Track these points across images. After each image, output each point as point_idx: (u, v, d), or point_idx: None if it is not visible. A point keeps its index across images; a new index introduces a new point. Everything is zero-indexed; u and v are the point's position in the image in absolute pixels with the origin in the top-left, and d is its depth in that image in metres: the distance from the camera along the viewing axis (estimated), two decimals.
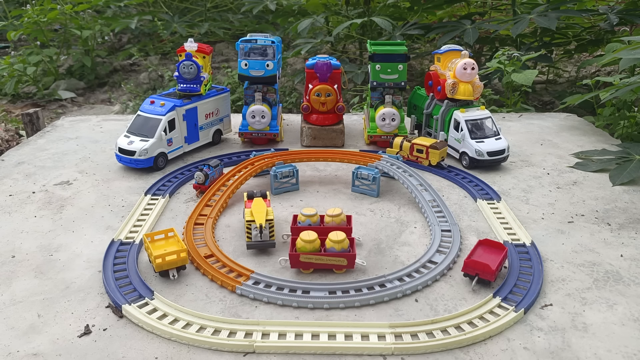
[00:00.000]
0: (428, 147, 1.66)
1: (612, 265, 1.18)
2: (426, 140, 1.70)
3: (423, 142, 1.68)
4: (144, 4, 4.20)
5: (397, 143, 1.73)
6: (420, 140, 1.69)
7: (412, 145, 1.68)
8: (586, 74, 3.37)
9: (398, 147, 1.72)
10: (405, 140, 1.71)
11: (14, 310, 1.04)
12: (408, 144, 1.69)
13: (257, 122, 1.83)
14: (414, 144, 1.68)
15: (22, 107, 3.34)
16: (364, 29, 3.33)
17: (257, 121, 1.83)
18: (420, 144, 1.68)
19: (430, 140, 1.69)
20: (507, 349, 0.94)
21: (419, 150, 1.67)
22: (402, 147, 1.71)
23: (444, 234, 1.29)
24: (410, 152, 1.69)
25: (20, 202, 1.49)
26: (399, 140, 1.73)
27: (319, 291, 1.07)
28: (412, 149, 1.68)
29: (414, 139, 1.70)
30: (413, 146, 1.68)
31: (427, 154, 1.67)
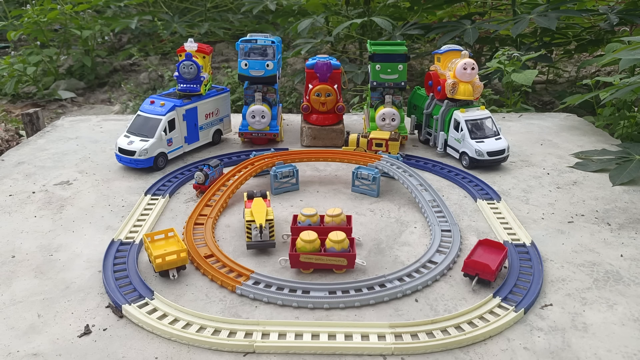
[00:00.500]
0: (387, 140, 1.67)
1: (612, 265, 1.18)
2: (382, 133, 1.70)
3: (381, 136, 1.68)
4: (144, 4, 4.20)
5: (352, 140, 1.70)
6: (377, 134, 1.69)
7: (371, 140, 1.67)
8: (586, 74, 3.37)
9: (354, 144, 1.70)
10: (362, 136, 1.69)
11: (14, 310, 1.04)
12: (365, 140, 1.68)
13: (257, 122, 1.83)
14: (372, 138, 1.67)
15: (22, 107, 3.34)
16: (364, 29, 3.33)
17: (257, 121, 1.83)
18: (379, 137, 1.68)
19: (385, 133, 1.69)
20: (507, 349, 0.94)
21: (378, 144, 1.67)
22: (359, 144, 1.69)
23: (444, 234, 1.29)
24: (369, 147, 1.68)
25: (20, 202, 1.49)
26: (355, 137, 1.70)
27: (319, 291, 1.07)
28: (371, 143, 1.67)
29: (370, 134, 1.69)
30: (371, 141, 1.67)
31: (387, 146, 1.67)
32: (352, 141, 1.70)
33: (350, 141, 1.70)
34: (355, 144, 1.69)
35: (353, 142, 1.69)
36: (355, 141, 1.69)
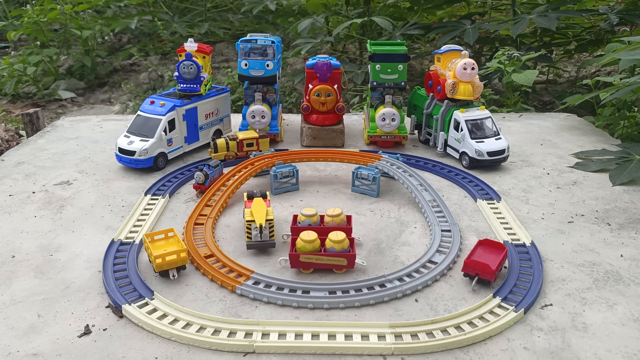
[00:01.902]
0: (257, 139, 1.68)
1: (612, 265, 1.18)
2: (250, 132, 1.70)
3: (250, 135, 1.69)
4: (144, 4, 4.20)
5: (221, 145, 1.65)
6: (246, 135, 1.69)
7: (241, 142, 1.66)
8: (586, 74, 3.37)
9: (224, 148, 1.66)
10: (230, 139, 1.66)
11: (14, 310, 1.04)
12: (234, 142, 1.66)
13: (257, 122, 1.83)
14: (242, 140, 1.67)
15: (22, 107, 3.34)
16: (364, 29, 3.33)
17: (257, 121, 1.83)
18: (248, 137, 1.68)
19: (251, 132, 1.69)
20: (507, 349, 0.94)
21: (249, 144, 1.67)
22: (228, 147, 1.66)
23: (444, 234, 1.29)
24: (240, 149, 1.66)
25: (20, 202, 1.49)
26: (223, 142, 1.66)
27: (319, 291, 1.07)
28: (242, 145, 1.66)
29: (239, 136, 1.68)
30: (242, 142, 1.66)
31: (258, 144, 1.68)
32: (222, 146, 1.65)
33: (220, 147, 1.65)
34: (224, 148, 1.65)
35: (222, 146, 1.64)
36: (224, 146, 1.65)
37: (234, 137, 1.65)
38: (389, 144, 1.88)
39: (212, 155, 1.65)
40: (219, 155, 1.64)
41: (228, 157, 1.66)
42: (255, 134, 1.69)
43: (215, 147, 1.64)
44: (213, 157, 1.63)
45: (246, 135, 1.68)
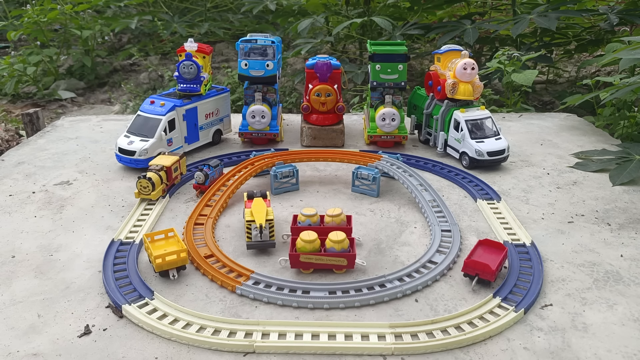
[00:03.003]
0: (178, 161, 1.53)
1: (612, 265, 1.18)
2: (167, 158, 1.51)
3: (171, 160, 1.50)
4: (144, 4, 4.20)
5: (157, 180, 1.42)
6: (168, 160, 1.50)
7: (169, 170, 1.47)
8: (586, 74, 3.37)
9: (159, 182, 1.43)
10: (158, 171, 1.44)
11: (14, 310, 1.04)
12: (164, 172, 1.46)
13: (257, 122, 1.83)
14: (169, 167, 1.48)
15: (22, 107, 3.34)
16: (364, 29, 3.33)
17: (257, 121, 1.83)
18: (172, 162, 1.50)
19: (169, 156, 1.52)
20: (507, 349, 0.94)
21: (175, 168, 1.50)
22: (162, 179, 1.44)
23: (444, 234, 1.29)
24: (169, 178, 1.47)
25: (20, 202, 1.49)
26: (157, 177, 1.43)
27: (319, 291, 1.07)
28: (170, 172, 1.47)
29: (163, 164, 1.47)
30: (170, 170, 1.47)
31: (180, 166, 1.53)
32: (158, 181, 1.42)
33: (156, 183, 1.42)
34: (160, 182, 1.43)
35: (158, 181, 1.42)
36: (159, 179, 1.43)
37: (159, 167, 1.45)
38: (389, 144, 1.88)
39: (141, 197, 1.42)
40: (156, 193, 1.41)
41: (163, 191, 1.46)
42: (174, 156, 1.52)
43: (152, 185, 1.40)
44: (141, 197, 1.42)
45: (169, 161, 1.49)
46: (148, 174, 1.41)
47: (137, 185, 1.40)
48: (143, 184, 1.40)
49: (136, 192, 1.42)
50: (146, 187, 1.40)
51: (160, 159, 1.51)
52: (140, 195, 1.41)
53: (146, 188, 1.40)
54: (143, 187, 1.40)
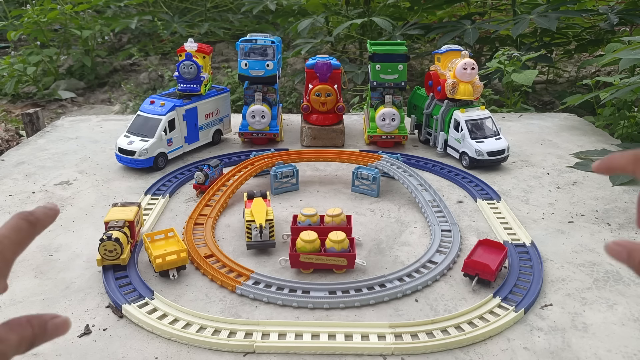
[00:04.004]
0: (138, 211, 1.24)
1: (612, 265, 1.18)
2: (127, 210, 1.22)
3: (133, 212, 1.21)
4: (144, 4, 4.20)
5: (124, 239, 1.14)
6: (128, 213, 1.21)
7: (132, 224, 1.20)
8: (586, 74, 3.36)
9: (126, 240, 1.15)
10: (122, 228, 1.16)
11: (14, 310, 1.04)
12: (127, 229, 1.19)
13: (257, 122, 1.83)
14: (132, 222, 1.20)
15: (22, 107, 3.34)
16: (364, 29, 3.33)
17: (257, 121, 1.83)
18: (134, 214, 1.21)
19: (129, 208, 1.23)
20: (507, 349, 0.94)
21: (137, 221, 1.24)
22: (128, 238, 1.18)
23: (444, 234, 1.29)
24: (132, 234, 1.21)
25: (20, 202, 1.49)
26: (122, 235, 1.14)
27: (319, 291, 1.07)
28: (133, 226, 1.21)
29: (124, 219, 1.19)
30: (133, 224, 1.20)
31: (140, 217, 1.27)
32: (125, 240, 1.14)
33: (124, 242, 1.13)
34: (126, 240, 1.15)
35: (125, 240, 1.14)
36: (125, 238, 1.14)
37: (121, 222, 1.17)
38: (389, 144, 1.88)
39: (105, 263, 1.13)
40: (126, 255, 1.13)
41: (131, 249, 1.19)
42: (133, 207, 1.23)
43: (120, 247, 1.11)
44: (106, 264, 1.13)
45: (131, 214, 1.21)
46: (113, 233, 1.11)
47: (101, 250, 1.11)
48: (109, 247, 1.10)
49: (99, 259, 1.12)
50: (113, 250, 1.11)
51: (118, 213, 1.20)
52: (105, 261, 1.12)
53: (113, 252, 1.11)
54: (109, 251, 1.11)
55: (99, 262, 1.13)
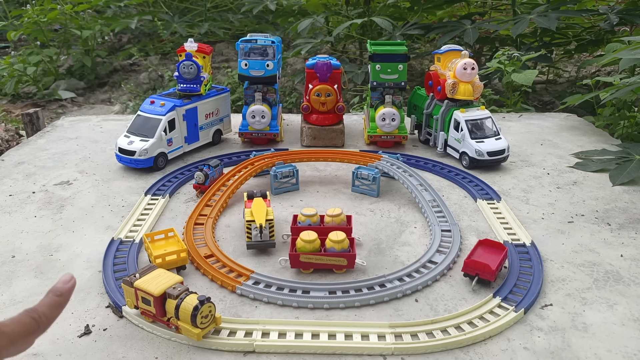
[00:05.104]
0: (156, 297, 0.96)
1: (612, 265, 1.18)
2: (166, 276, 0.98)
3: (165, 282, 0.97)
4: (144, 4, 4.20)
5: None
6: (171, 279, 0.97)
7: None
8: (586, 74, 3.36)
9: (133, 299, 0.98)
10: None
11: (14, 310, 1.04)
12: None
13: (257, 122, 1.83)
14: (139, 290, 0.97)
15: (22, 107, 3.34)
16: (364, 29, 3.33)
17: (257, 121, 1.83)
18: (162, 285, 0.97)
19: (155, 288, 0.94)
20: (507, 349, 0.94)
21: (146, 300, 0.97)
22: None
23: (444, 234, 1.29)
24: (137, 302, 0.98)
25: (20, 202, 1.49)
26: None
27: (319, 291, 1.07)
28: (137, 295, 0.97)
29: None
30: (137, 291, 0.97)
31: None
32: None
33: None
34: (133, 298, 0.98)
35: (130, 293, 0.98)
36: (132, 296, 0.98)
37: (181, 287, 0.96)
38: (389, 144, 1.88)
39: (205, 333, 0.94)
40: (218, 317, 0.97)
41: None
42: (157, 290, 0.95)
43: (214, 307, 0.95)
44: (205, 333, 0.94)
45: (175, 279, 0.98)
46: (194, 294, 0.93)
47: (198, 321, 0.91)
48: (204, 312, 0.92)
49: (198, 332, 0.92)
50: (208, 314, 0.93)
51: (171, 279, 0.97)
52: (205, 331, 0.94)
53: (208, 316, 0.93)
54: (204, 317, 0.92)
55: (199, 337, 0.92)
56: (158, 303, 0.94)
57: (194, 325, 0.91)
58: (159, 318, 0.96)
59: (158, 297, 0.93)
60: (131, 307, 0.99)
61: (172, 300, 0.93)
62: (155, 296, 0.93)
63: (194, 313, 0.90)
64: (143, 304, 0.96)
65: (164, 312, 0.95)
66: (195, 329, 0.91)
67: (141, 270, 0.99)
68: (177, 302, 0.92)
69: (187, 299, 0.92)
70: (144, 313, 0.98)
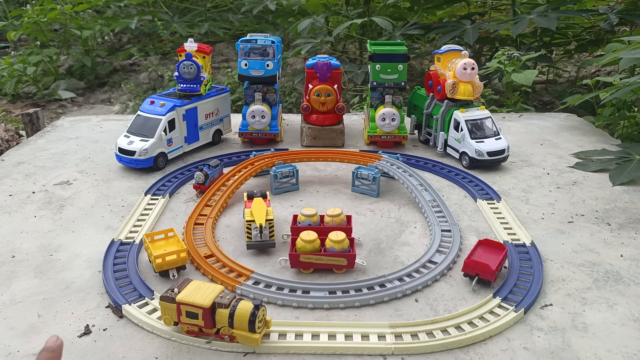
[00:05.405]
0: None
1: (612, 265, 1.18)
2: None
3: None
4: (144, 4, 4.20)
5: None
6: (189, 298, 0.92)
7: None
8: (586, 74, 3.36)
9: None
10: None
11: (14, 310, 1.04)
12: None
13: (257, 122, 1.83)
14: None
15: (22, 107, 3.34)
16: (364, 29, 3.33)
17: (257, 121, 1.83)
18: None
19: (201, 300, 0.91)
20: (507, 349, 0.94)
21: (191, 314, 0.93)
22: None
23: (444, 234, 1.29)
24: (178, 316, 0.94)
25: (20, 202, 1.49)
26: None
27: (319, 291, 1.07)
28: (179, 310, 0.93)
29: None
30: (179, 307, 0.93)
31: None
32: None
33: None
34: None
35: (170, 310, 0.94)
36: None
37: (231, 294, 0.93)
38: (389, 144, 1.88)
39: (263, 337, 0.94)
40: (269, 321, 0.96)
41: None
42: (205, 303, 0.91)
43: (265, 309, 0.94)
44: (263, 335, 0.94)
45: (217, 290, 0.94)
46: (253, 302, 0.92)
47: (256, 325, 0.90)
48: (260, 316, 0.91)
49: (256, 338, 0.91)
50: (262, 318, 0.93)
51: (214, 289, 0.94)
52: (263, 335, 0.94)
53: (262, 320, 0.93)
54: (259, 321, 0.92)
55: (258, 342, 0.91)
56: (207, 315, 0.90)
57: (252, 331, 0.90)
58: (206, 331, 0.92)
59: (208, 309, 0.90)
60: (169, 324, 0.95)
61: (223, 309, 0.90)
62: (206, 308, 0.89)
63: (251, 319, 0.89)
64: (188, 318, 0.92)
65: (214, 323, 0.91)
66: (254, 334, 0.90)
67: (178, 285, 0.94)
68: (230, 310, 0.90)
69: (240, 305, 0.90)
70: (189, 331, 0.94)
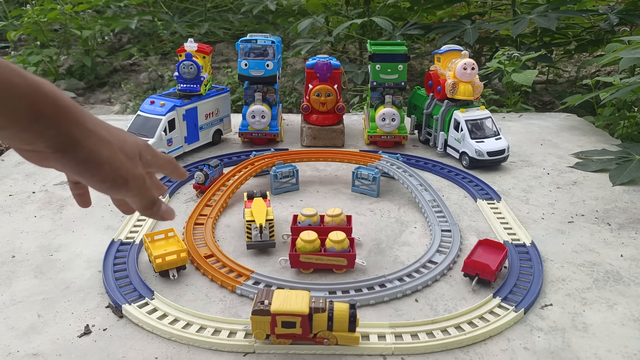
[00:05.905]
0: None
1: (612, 265, 1.18)
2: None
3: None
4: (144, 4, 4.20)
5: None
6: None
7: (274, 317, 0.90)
8: (586, 74, 3.36)
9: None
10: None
11: (14, 310, 1.04)
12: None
13: (257, 122, 1.83)
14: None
15: None
16: (364, 29, 3.33)
17: (257, 121, 1.83)
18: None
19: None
20: (507, 349, 0.94)
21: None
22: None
23: (444, 234, 1.29)
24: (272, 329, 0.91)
25: (20, 202, 1.49)
26: None
27: (319, 291, 1.07)
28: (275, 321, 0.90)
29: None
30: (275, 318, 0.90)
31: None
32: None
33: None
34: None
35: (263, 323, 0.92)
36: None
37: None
38: (389, 144, 1.88)
39: None
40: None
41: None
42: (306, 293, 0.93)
43: None
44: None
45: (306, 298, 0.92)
46: (349, 302, 0.92)
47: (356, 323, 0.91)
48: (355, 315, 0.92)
49: (358, 336, 0.92)
50: (356, 317, 0.92)
51: (303, 295, 0.92)
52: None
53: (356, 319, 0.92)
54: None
55: (359, 340, 0.92)
56: (306, 321, 0.90)
57: (352, 330, 0.91)
58: (303, 338, 0.92)
59: (306, 315, 0.89)
60: (261, 338, 0.92)
61: (320, 314, 0.90)
62: (305, 315, 0.89)
63: (351, 319, 0.90)
64: (284, 328, 0.90)
65: (311, 329, 0.91)
66: (354, 333, 0.91)
67: (263, 297, 0.92)
68: (329, 313, 0.90)
69: (337, 307, 0.91)
70: (282, 338, 0.92)
